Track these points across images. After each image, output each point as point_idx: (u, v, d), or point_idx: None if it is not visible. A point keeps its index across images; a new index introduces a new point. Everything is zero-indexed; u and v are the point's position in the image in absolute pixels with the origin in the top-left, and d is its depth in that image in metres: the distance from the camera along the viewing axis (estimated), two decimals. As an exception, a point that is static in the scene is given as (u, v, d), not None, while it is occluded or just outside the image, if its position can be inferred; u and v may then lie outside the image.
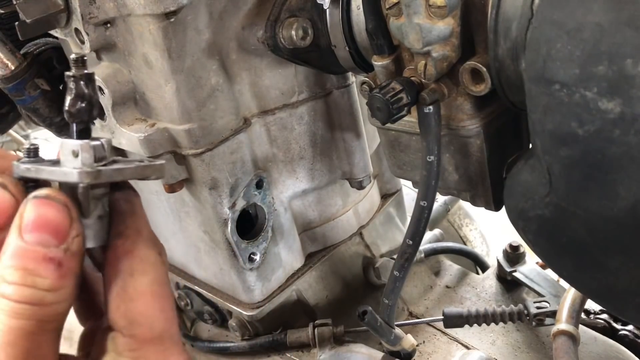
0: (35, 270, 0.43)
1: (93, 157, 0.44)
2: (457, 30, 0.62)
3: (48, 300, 0.43)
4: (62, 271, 0.44)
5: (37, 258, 0.43)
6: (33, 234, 0.43)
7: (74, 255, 0.44)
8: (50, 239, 0.43)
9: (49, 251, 0.43)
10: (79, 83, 0.44)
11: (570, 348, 0.85)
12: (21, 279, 0.43)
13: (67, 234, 0.44)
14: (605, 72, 0.46)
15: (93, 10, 0.73)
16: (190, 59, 0.77)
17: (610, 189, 0.50)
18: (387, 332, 0.91)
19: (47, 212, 0.44)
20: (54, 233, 0.43)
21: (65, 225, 0.44)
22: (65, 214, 0.44)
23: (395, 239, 1.20)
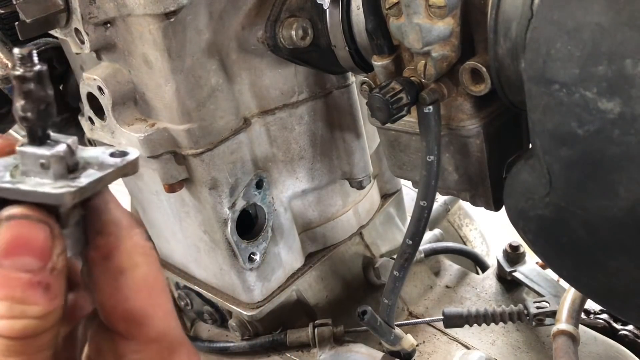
0: (23, 299, 0.38)
1: (66, 167, 0.40)
2: (457, 30, 0.62)
3: (41, 328, 0.39)
4: (52, 294, 0.39)
5: (22, 285, 0.38)
6: (13, 259, 0.38)
7: (60, 273, 0.40)
8: (33, 262, 0.39)
9: (33, 275, 0.38)
10: (29, 83, 0.39)
11: (570, 348, 0.85)
12: (8, 310, 0.38)
13: (50, 253, 0.39)
14: (605, 72, 0.46)
15: (93, 10, 0.73)
16: (190, 58, 0.77)
17: (610, 189, 0.50)
18: (387, 332, 0.91)
19: (26, 232, 0.39)
20: (37, 254, 0.39)
21: (48, 244, 0.39)
22: (47, 232, 0.40)
23: (395, 239, 1.20)
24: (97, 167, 0.41)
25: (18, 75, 0.39)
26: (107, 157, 0.42)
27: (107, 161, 0.42)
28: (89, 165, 0.41)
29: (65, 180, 0.40)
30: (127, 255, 0.43)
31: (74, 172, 0.41)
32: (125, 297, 0.43)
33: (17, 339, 0.38)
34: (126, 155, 0.43)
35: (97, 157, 0.42)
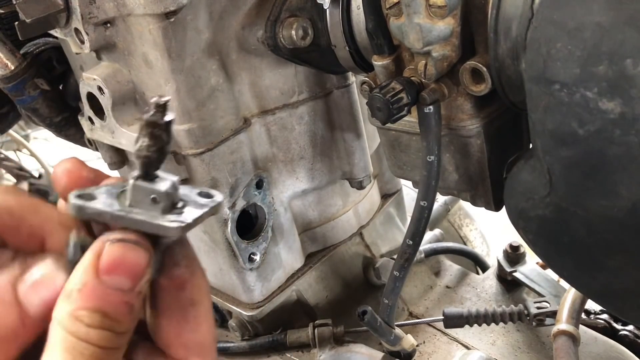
0: (114, 315, 0.42)
1: (172, 203, 0.44)
2: (458, 30, 0.62)
3: (120, 343, 0.43)
4: (134, 314, 0.43)
5: (116, 302, 0.42)
6: (113, 277, 0.42)
7: (142, 297, 0.44)
8: (128, 282, 0.42)
9: (125, 295, 0.42)
10: (159, 130, 0.42)
11: (570, 348, 0.85)
12: (101, 323, 0.42)
13: (142, 278, 0.43)
14: (606, 72, 0.46)
15: (93, 10, 0.73)
16: (190, 58, 0.77)
17: (611, 189, 0.50)
18: (387, 332, 0.91)
19: (130, 255, 0.43)
20: (132, 277, 0.42)
21: (143, 270, 0.43)
22: (147, 259, 0.43)
23: (396, 239, 1.20)
24: (193, 205, 0.45)
25: (151, 121, 0.42)
26: (197, 197, 0.46)
27: (199, 200, 0.46)
28: (185, 202, 0.45)
29: (172, 214, 0.44)
30: (198, 289, 0.47)
31: (175, 208, 0.44)
32: (191, 327, 0.46)
33: (104, 348, 0.42)
34: (213, 197, 0.46)
35: (189, 195, 0.46)
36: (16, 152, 3.04)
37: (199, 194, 0.46)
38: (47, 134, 3.13)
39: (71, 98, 1.00)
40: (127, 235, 0.43)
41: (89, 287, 0.42)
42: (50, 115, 0.98)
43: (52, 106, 0.97)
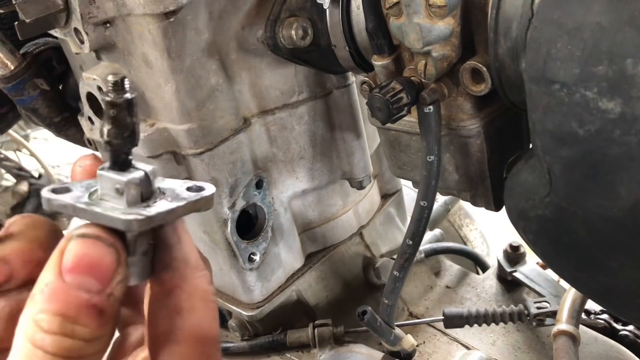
0: (76, 318, 0.38)
1: (140, 195, 0.41)
2: (457, 30, 0.62)
3: (87, 352, 0.38)
4: (104, 319, 0.39)
5: (78, 304, 0.38)
6: (76, 276, 0.38)
7: (116, 301, 0.39)
8: (93, 283, 0.38)
9: (91, 297, 0.38)
10: (121, 110, 0.40)
11: (570, 348, 0.85)
12: (60, 327, 0.37)
13: (111, 279, 0.39)
14: (606, 72, 0.46)
15: (92, 10, 0.73)
16: (190, 58, 0.77)
17: (611, 189, 0.50)
18: (387, 332, 0.91)
19: (94, 252, 0.39)
20: (99, 277, 0.38)
21: (111, 269, 0.39)
22: (113, 256, 0.39)
23: (396, 239, 1.20)
24: (171, 198, 0.42)
25: (109, 101, 0.39)
26: (183, 190, 0.43)
27: (182, 194, 0.43)
28: (163, 196, 0.42)
29: (137, 208, 0.40)
30: (187, 297, 0.43)
31: (147, 200, 0.41)
32: (176, 339, 0.42)
33: (62, 357, 0.38)
34: (202, 191, 0.43)
35: (174, 189, 0.43)
36: (16, 152, 3.04)
37: (188, 188, 0.43)
38: (47, 134, 3.13)
39: (71, 98, 0.99)
40: (92, 230, 0.40)
41: (50, 287, 0.38)
42: (50, 115, 0.97)
43: (51, 106, 0.97)
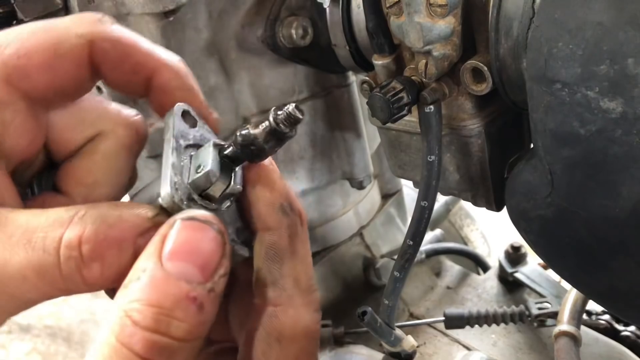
0: (173, 311, 0.33)
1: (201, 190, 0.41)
2: (458, 29, 0.61)
3: (178, 355, 0.34)
4: (202, 317, 0.34)
5: (178, 294, 0.33)
6: (177, 263, 0.34)
7: (216, 298, 0.35)
8: (196, 273, 0.34)
9: (192, 288, 0.34)
10: (274, 139, 0.40)
11: (572, 349, 0.85)
12: (154, 320, 0.33)
13: (215, 270, 0.35)
14: (607, 71, 0.46)
15: (91, 9, 0.73)
16: (189, 58, 0.77)
17: (612, 189, 0.49)
18: (388, 333, 0.90)
19: (199, 239, 0.35)
20: (202, 266, 0.35)
21: (215, 259, 0.35)
22: (219, 245, 0.36)
23: (396, 240, 1.19)
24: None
25: (284, 133, 0.40)
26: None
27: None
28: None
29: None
30: (292, 324, 0.40)
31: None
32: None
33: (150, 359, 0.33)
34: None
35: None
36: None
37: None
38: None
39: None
40: (199, 213, 0.36)
41: (147, 274, 0.34)
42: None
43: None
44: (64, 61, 0.40)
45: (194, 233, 0.35)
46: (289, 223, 0.42)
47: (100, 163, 0.44)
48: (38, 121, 0.42)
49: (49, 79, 0.40)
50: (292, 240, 0.41)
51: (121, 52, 0.42)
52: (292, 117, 0.40)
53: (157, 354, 0.33)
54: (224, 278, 0.36)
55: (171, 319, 0.33)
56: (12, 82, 0.39)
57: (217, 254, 0.35)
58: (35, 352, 2.36)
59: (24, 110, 0.40)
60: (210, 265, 0.35)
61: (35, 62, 0.39)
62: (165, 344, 0.33)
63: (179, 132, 0.42)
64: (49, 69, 0.39)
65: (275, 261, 0.41)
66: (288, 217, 0.42)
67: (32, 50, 0.39)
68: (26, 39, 0.39)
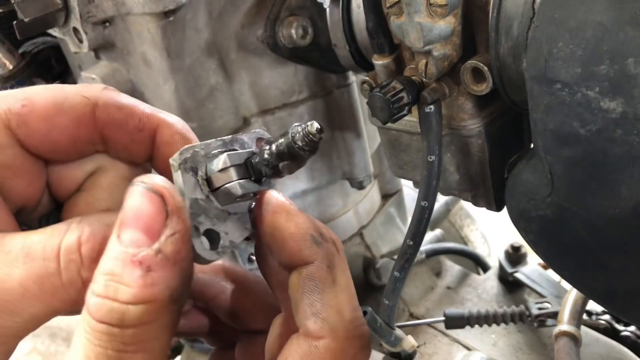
0: (121, 277, 0.34)
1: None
2: (458, 29, 0.61)
3: (129, 318, 0.34)
4: (151, 279, 0.34)
5: (125, 260, 0.34)
6: (127, 230, 0.35)
7: (167, 260, 0.35)
8: (142, 238, 0.35)
9: (137, 252, 0.34)
10: (294, 159, 0.41)
11: (572, 349, 0.85)
12: (104, 287, 0.34)
13: (158, 232, 0.35)
14: (607, 71, 0.46)
15: (91, 9, 0.73)
16: (189, 58, 0.77)
17: (612, 189, 0.49)
18: (388, 333, 0.90)
19: (140, 203, 0.35)
20: (146, 230, 0.35)
21: (159, 221, 0.35)
22: (159, 206, 0.35)
23: (396, 240, 1.19)
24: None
25: (303, 151, 0.41)
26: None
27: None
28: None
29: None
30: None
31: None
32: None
33: (104, 323, 0.34)
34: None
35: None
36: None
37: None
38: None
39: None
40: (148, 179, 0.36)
41: (108, 247, 0.35)
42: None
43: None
44: (64, 117, 0.41)
45: (136, 198, 0.36)
46: (324, 253, 0.41)
47: (102, 197, 0.45)
48: (37, 164, 0.43)
49: (46, 131, 0.41)
50: (331, 270, 0.41)
51: (125, 111, 0.43)
52: (309, 135, 0.41)
53: (107, 317, 0.34)
54: (172, 238, 0.35)
55: (119, 284, 0.34)
56: (11, 127, 0.40)
57: (159, 214, 0.35)
58: (35, 352, 2.36)
59: (22, 155, 0.41)
60: (154, 228, 0.35)
61: (37, 112, 0.40)
62: (114, 307, 0.33)
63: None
64: (48, 121, 0.41)
65: (316, 292, 0.40)
66: (322, 247, 0.41)
67: (37, 102, 0.40)
68: (34, 92, 0.41)
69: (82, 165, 0.45)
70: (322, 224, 0.43)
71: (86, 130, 0.42)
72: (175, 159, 0.40)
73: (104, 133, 0.43)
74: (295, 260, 0.41)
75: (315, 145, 0.41)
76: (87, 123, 0.42)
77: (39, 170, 0.43)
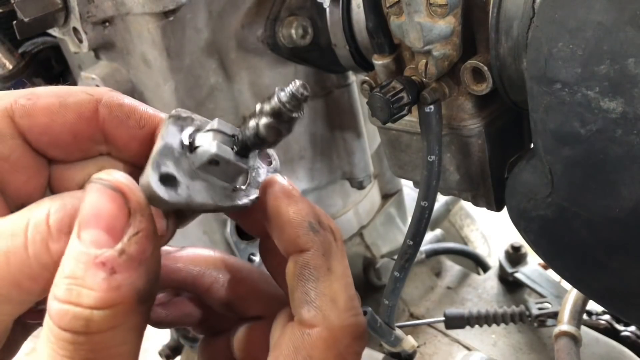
0: (84, 280, 0.32)
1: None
2: (458, 29, 0.61)
3: (94, 324, 0.32)
4: (115, 281, 0.32)
5: (87, 262, 0.32)
6: (87, 230, 0.33)
7: (131, 260, 0.33)
8: (104, 238, 0.33)
9: (100, 254, 0.33)
10: (288, 125, 0.42)
11: (572, 349, 0.85)
12: (66, 291, 0.32)
13: (121, 232, 0.33)
14: (607, 71, 0.46)
15: (91, 9, 0.73)
16: (189, 58, 0.77)
17: (613, 189, 0.49)
18: (388, 333, 0.90)
19: (100, 202, 0.34)
20: (108, 230, 0.33)
21: (121, 219, 0.34)
22: (120, 204, 0.34)
23: (396, 240, 1.19)
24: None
25: (290, 116, 0.41)
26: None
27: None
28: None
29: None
30: (325, 348, 0.38)
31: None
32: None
33: (67, 331, 0.32)
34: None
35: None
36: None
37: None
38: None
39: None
40: (105, 175, 0.35)
41: (68, 248, 0.34)
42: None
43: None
44: (67, 110, 0.41)
45: (95, 196, 0.34)
46: (321, 241, 0.41)
47: None
48: (38, 161, 0.43)
49: (49, 123, 0.41)
50: (327, 258, 0.41)
51: (127, 109, 0.43)
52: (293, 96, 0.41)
53: (70, 324, 0.32)
54: (136, 237, 0.34)
55: (82, 287, 0.32)
56: (14, 119, 0.40)
57: (121, 213, 0.34)
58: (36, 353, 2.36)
59: (22, 146, 0.41)
60: (116, 227, 0.33)
61: (40, 105, 0.41)
62: (77, 313, 0.32)
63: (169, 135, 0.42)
64: (51, 114, 0.41)
65: (310, 280, 0.40)
66: (319, 235, 0.41)
67: (41, 96, 0.41)
68: (41, 89, 0.42)
69: (84, 168, 0.45)
70: (322, 212, 0.43)
71: (88, 125, 0.42)
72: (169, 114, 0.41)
73: (105, 129, 0.43)
74: (292, 247, 0.41)
75: (300, 103, 0.41)
76: (89, 118, 0.42)
77: (39, 167, 0.43)
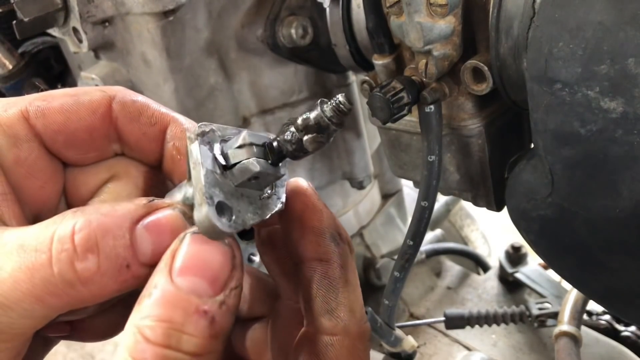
0: (184, 326, 0.33)
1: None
2: (459, 28, 0.61)
3: None
4: (214, 330, 0.34)
5: (187, 309, 0.33)
6: (186, 278, 0.34)
7: (228, 312, 0.35)
8: (205, 287, 0.34)
9: (202, 302, 0.33)
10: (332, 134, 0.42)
11: (572, 349, 0.85)
12: (164, 336, 0.32)
13: (224, 284, 0.35)
14: (608, 71, 0.46)
15: (91, 9, 0.73)
16: (189, 58, 0.77)
17: (613, 189, 0.49)
18: (388, 333, 0.90)
19: (208, 253, 0.35)
20: (210, 280, 0.34)
21: (226, 272, 0.35)
22: (229, 258, 0.36)
23: (396, 240, 1.19)
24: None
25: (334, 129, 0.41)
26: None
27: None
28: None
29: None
30: (346, 353, 0.40)
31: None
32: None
33: None
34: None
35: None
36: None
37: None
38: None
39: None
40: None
41: (158, 290, 0.34)
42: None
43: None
44: (82, 107, 0.42)
45: (202, 247, 0.35)
46: (340, 253, 0.42)
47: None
48: (53, 165, 0.43)
49: (64, 122, 0.41)
50: (345, 270, 0.42)
51: (139, 105, 0.44)
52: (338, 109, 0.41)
53: None
54: (235, 291, 0.35)
55: (182, 333, 0.33)
56: (30, 120, 0.41)
57: (226, 267, 0.35)
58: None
59: (38, 149, 0.41)
60: (220, 279, 0.35)
61: (55, 104, 0.41)
62: (176, 358, 0.33)
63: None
64: (65, 111, 0.41)
65: (331, 290, 0.41)
66: (339, 247, 0.43)
67: (56, 96, 0.42)
68: (57, 90, 0.42)
69: (97, 173, 0.45)
70: (341, 225, 0.44)
71: (102, 122, 0.43)
72: (192, 131, 0.39)
73: (118, 126, 0.43)
74: (311, 254, 0.42)
75: (343, 116, 0.41)
76: (103, 115, 0.42)
77: (54, 172, 0.43)
